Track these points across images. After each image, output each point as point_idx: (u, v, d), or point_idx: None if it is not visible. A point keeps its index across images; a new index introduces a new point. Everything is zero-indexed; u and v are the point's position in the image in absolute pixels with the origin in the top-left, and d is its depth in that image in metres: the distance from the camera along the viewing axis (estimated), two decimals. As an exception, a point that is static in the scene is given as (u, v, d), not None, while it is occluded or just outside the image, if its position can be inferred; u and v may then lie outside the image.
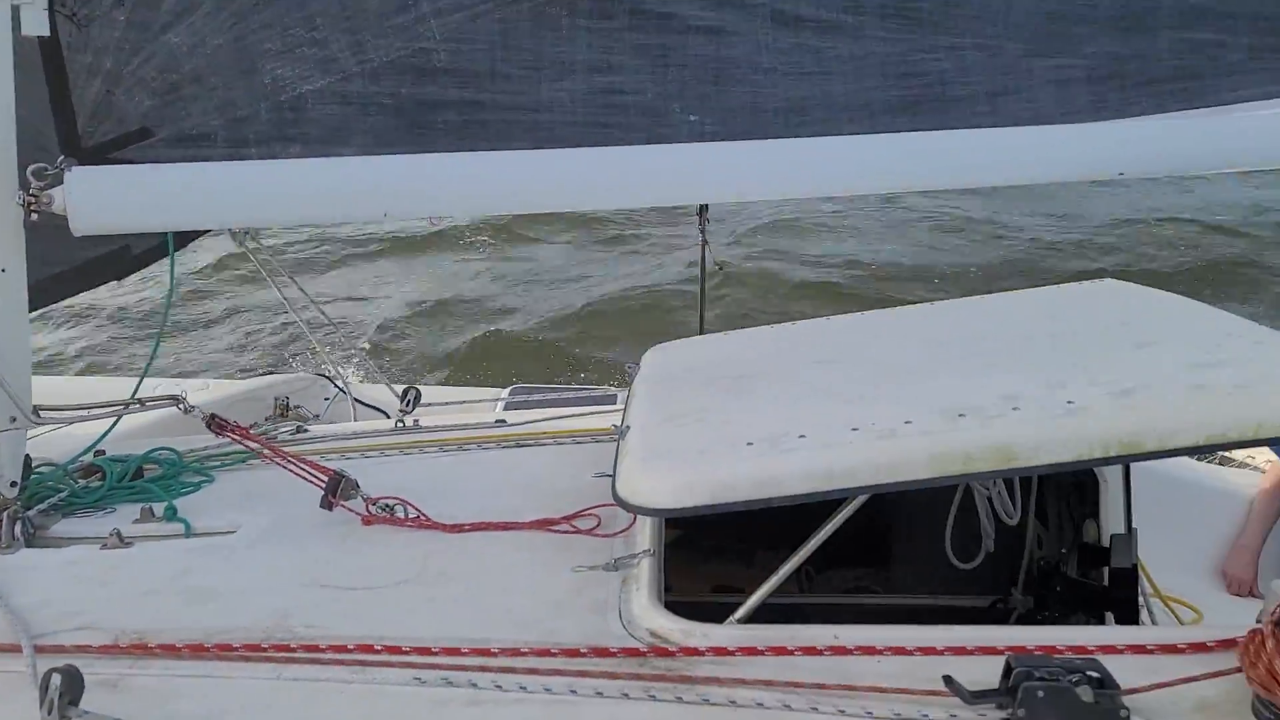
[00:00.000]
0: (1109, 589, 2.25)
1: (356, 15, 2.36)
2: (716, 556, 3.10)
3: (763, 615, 1.74)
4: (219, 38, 2.26)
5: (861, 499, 1.71)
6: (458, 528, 2.09)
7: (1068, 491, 2.77)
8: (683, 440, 1.84)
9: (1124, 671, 1.55)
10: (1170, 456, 1.62)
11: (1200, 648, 1.62)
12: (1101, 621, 2.24)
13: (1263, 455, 3.71)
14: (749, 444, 1.72)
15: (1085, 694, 1.44)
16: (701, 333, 3.49)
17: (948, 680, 1.49)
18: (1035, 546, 2.79)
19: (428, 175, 2.35)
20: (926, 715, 1.48)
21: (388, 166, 2.34)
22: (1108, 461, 1.60)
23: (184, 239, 2.43)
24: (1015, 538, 2.84)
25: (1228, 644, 1.57)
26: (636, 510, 1.75)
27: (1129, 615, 2.18)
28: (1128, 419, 1.61)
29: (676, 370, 2.35)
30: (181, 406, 2.33)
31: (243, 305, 9.00)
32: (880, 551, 3.14)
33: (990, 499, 2.54)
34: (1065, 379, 1.77)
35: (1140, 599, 2.26)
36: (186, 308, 9.12)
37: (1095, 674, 1.49)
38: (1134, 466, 2.90)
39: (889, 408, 1.76)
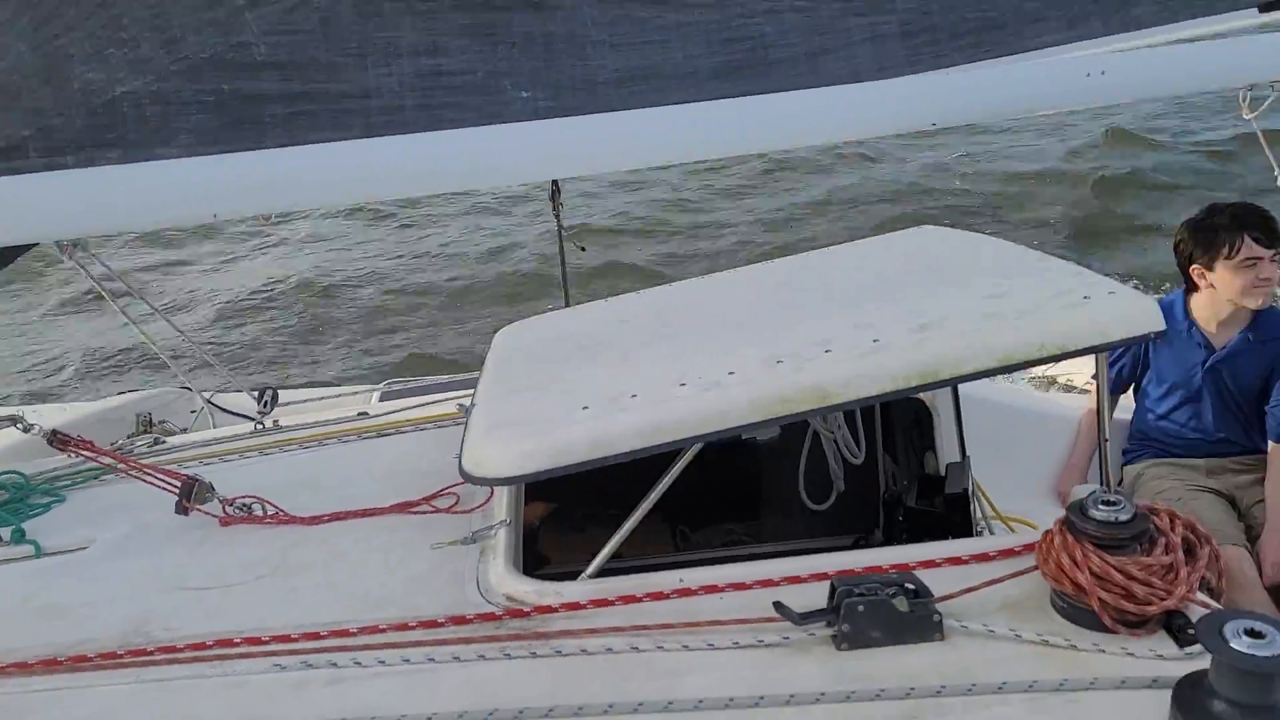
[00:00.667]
0: (945, 514, 2.40)
1: (166, 13, 2.32)
2: (591, 525, 3.18)
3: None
4: (21, 44, 2.20)
5: (695, 449, 1.79)
6: (316, 519, 2.11)
7: (910, 428, 2.94)
8: (523, 410, 1.90)
9: (942, 581, 1.69)
10: (966, 381, 1.76)
11: (1008, 553, 1.77)
12: None
13: (1083, 379, 3.98)
14: (585, 408, 1.79)
15: (901, 604, 1.56)
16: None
17: (778, 606, 1.60)
18: (891, 483, 2.95)
19: (256, 172, 2.34)
20: (762, 640, 1.58)
21: (213, 166, 2.32)
22: (911, 391, 1.73)
23: (5, 256, 2.36)
24: (872, 476, 3.00)
25: (1030, 547, 1.72)
26: (480, 481, 1.81)
27: (964, 536, 2.34)
28: (925, 351, 1.73)
29: (526, 346, 2.40)
30: (19, 426, 2.28)
31: (103, 323, 8.69)
32: (750, 505, 3.27)
33: (836, 441, 2.69)
34: (875, 320, 1.90)
35: (982, 521, 2.43)
36: (46, 326, 8.76)
37: (911, 586, 1.62)
38: (972, 399, 3.10)
39: (715, 361, 1.85)
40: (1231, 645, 1.31)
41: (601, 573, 1.83)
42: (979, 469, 2.53)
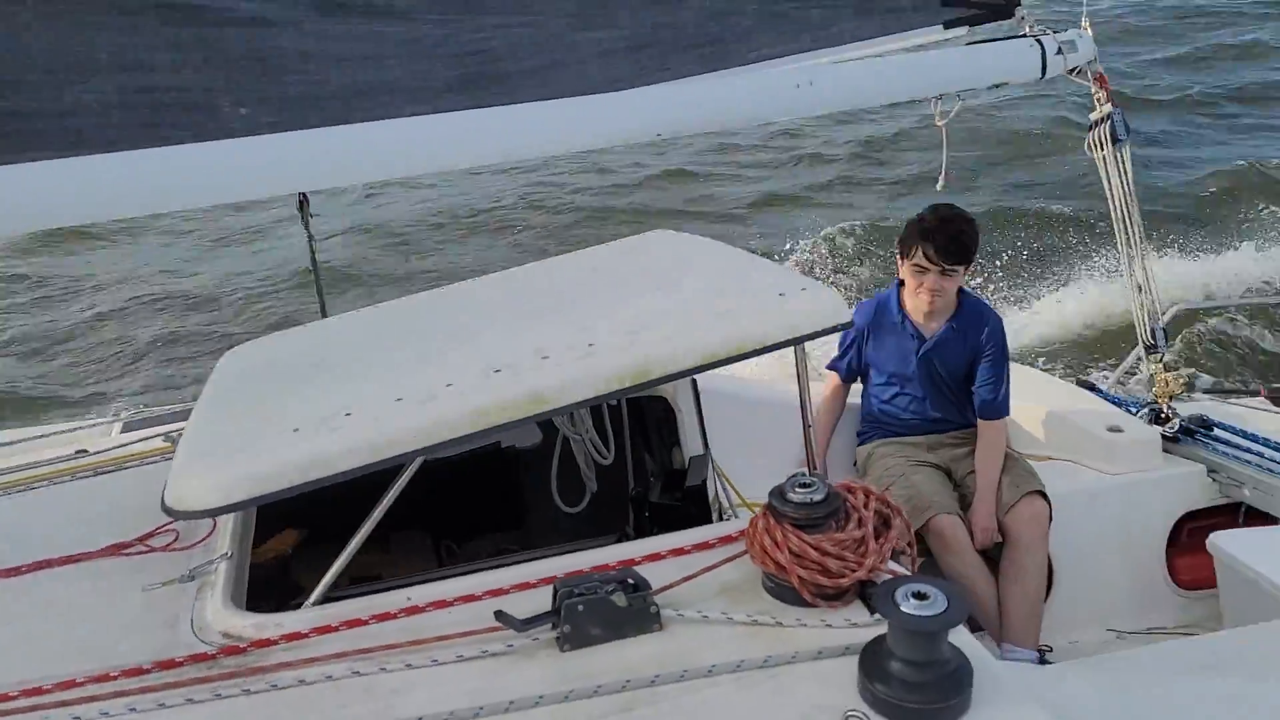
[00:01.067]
0: (686, 506, 2.50)
1: None
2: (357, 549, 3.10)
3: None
4: None
5: (416, 464, 1.79)
6: (13, 571, 1.95)
7: (659, 425, 3.04)
8: (230, 437, 1.83)
9: (667, 573, 1.76)
10: (677, 379, 1.85)
11: (727, 540, 1.87)
12: None
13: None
14: (295, 430, 1.75)
15: (620, 599, 1.62)
16: None
17: (499, 615, 1.62)
18: (639, 481, 3.04)
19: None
20: (487, 650, 1.60)
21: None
22: (624, 392, 1.80)
23: None
24: (625, 475, 3.09)
25: (744, 533, 1.82)
26: (181, 515, 1.73)
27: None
28: (636, 353, 1.81)
29: (249, 368, 2.32)
30: None
31: None
32: (515, 513, 3.29)
33: (585, 444, 2.75)
34: (594, 325, 1.96)
35: (729, 510, 2.54)
36: None
37: (631, 581, 1.68)
38: (720, 394, 3.24)
39: (434, 374, 1.85)
40: (902, 609, 1.43)
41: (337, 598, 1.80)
42: (731, 460, 2.64)
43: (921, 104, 3.34)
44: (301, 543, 2.81)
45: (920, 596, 1.45)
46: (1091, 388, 4.11)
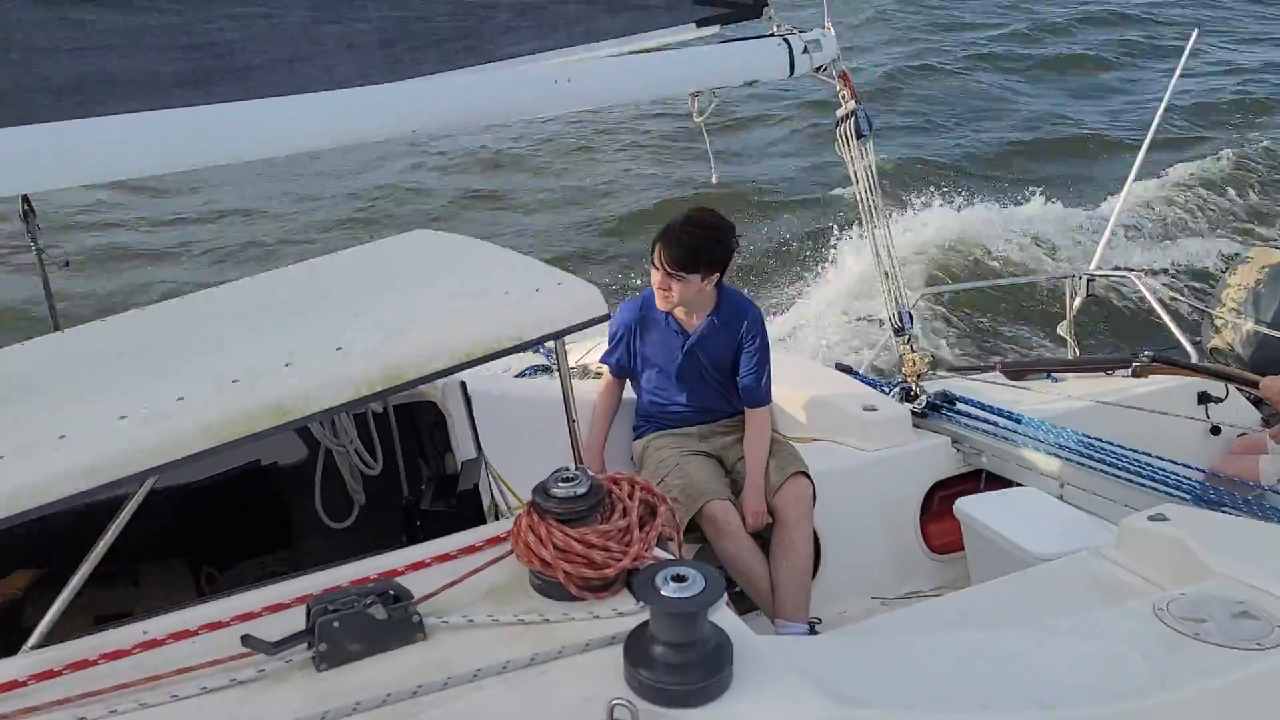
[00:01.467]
0: (459, 512, 2.44)
1: None
2: (102, 584, 2.84)
3: None
4: None
5: (146, 486, 1.65)
6: None
7: (431, 431, 2.96)
8: None
9: (432, 581, 1.70)
10: (431, 380, 1.79)
11: (494, 541, 1.83)
12: None
13: (595, 359, 4.28)
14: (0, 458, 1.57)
15: (379, 612, 1.55)
16: None
17: (246, 639, 1.51)
18: (412, 489, 2.95)
19: None
20: (235, 678, 1.49)
21: None
22: (377, 396, 1.73)
23: None
24: (397, 485, 2.98)
25: (511, 533, 1.79)
26: None
27: None
28: (389, 354, 1.74)
29: None
30: None
31: None
32: (283, 533, 3.11)
33: (350, 455, 2.64)
34: (345, 328, 1.87)
35: (507, 512, 2.49)
36: None
37: (392, 592, 1.61)
38: (492, 395, 3.18)
39: (166, 388, 1.71)
40: (661, 592, 1.44)
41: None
42: (509, 460, 2.59)
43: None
44: (38, 584, 2.55)
45: (679, 579, 1.46)
46: (849, 370, 4.36)
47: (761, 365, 3.32)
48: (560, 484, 1.68)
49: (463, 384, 2.71)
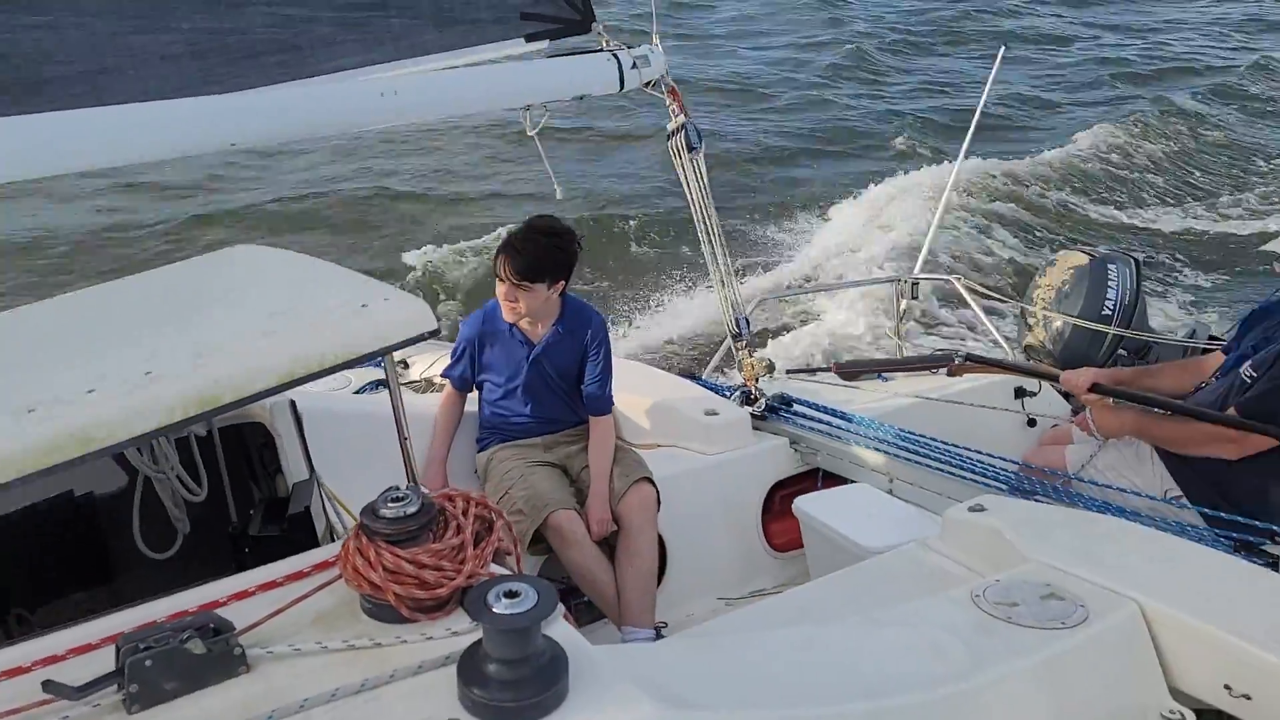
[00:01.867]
0: (290, 536, 2.36)
1: None
2: None
3: None
4: None
5: None
6: None
7: (261, 453, 2.85)
8: None
9: (256, 610, 1.64)
10: (252, 401, 1.73)
11: (323, 566, 1.78)
12: None
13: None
14: None
15: (196, 647, 1.48)
16: None
17: (48, 685, 1.42)
18: (239, 515, 2.83)
19: None
20: None
21: None
22: (191, 421, 1.66)
23: None
24: (224, 511, 2.86)
25: (339, 557, 1.74)
26: None
27: None
28: (204, 376, 1.67)
29: None
30: None
31: None
32: (100, 567, 2.93)
33: (172, 482, 2.51)
34: (156, 349, 1.78)
35: (345, 534, 2.42)
36: None
37: (212, 625, 1.54)
38: (332, 414, 3.09)
39: None
40: (493, 609, 1.44)
41: None
42: (349, 481, 2.52)
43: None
44: None
45: (512, 595, 1.46)
46: (692, 376, 4.44)
47: (606, 373, 3.36)
48: (389, 504, 1.65)
49: (292, 403, 2.63)
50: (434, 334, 1.87)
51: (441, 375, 3.50)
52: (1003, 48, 5.34)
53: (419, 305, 1.89)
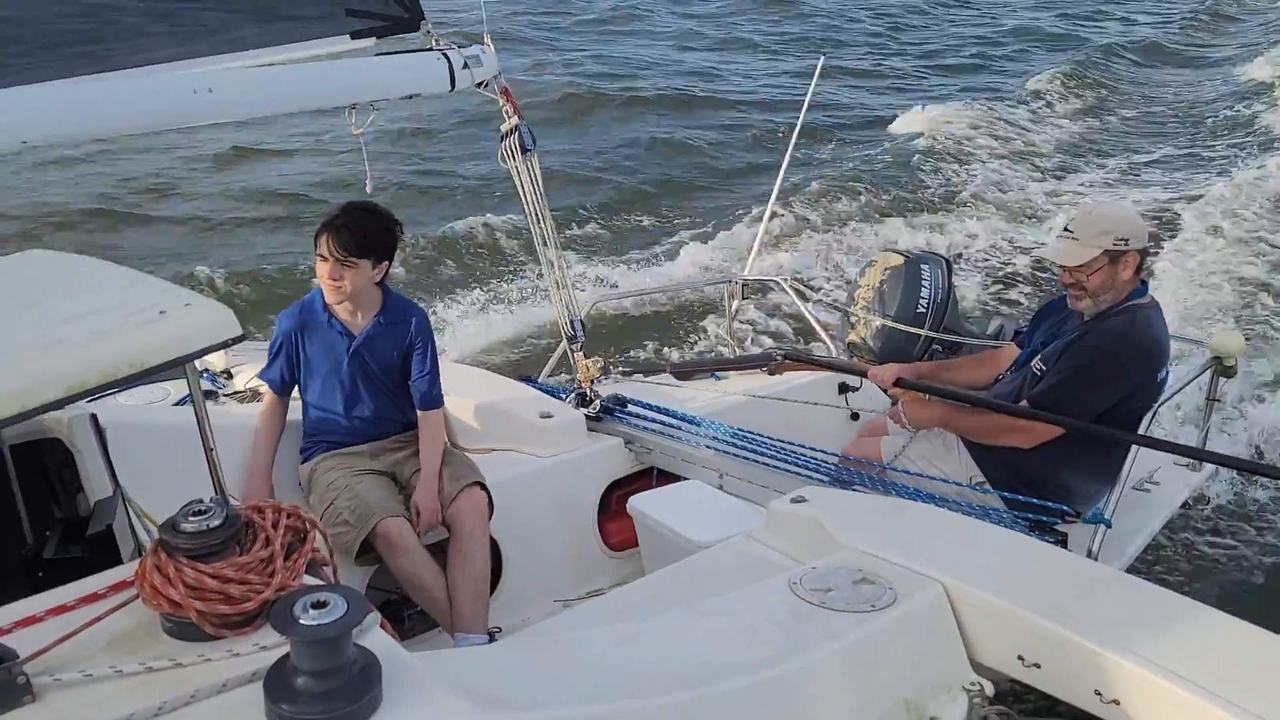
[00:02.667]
0: (90, 558, 2.24)
1: None
2: None
3: None
4: None
5: None
6: None
7: (59, 471, 2.69)
8: None
9: (46, 636, 1.55)
10: (33, 416, 1.64)
11: (120, 586, 1.70)
12: None
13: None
14: None
15: (-25, 678, 1.39)
16: None
17: None
18: (34, 537, 2.66)
19: None
20: None
21: None
22: None
23: None
24: (17, 533, 2.68)
25: (136, 576, 1.67)
26: None
27: None
28: None
29: None
30: None
31: None
32: None
33: None
34: None
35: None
36: None
37: (-6, 653, 1.45)
38: (131, 428, 2.93)
39: None
40: (300, 621, 1.40)
41: None
42: (161, 497, 2.39)
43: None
44: None
45: (320, 605, 1.43)
46: (527, 379, 4.44)
47: (434, 368, 3.33)
48: (191, 518, 1.59)
49: (93, 416, 2.49)
50: (238, 340, 1.81)
51: (259, 376, 3.37)
52: (821, 58, 5.57)
53: (222, 311, 1.83)
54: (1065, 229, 3.22)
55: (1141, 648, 1.98)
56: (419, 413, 3.32)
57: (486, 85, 3.76)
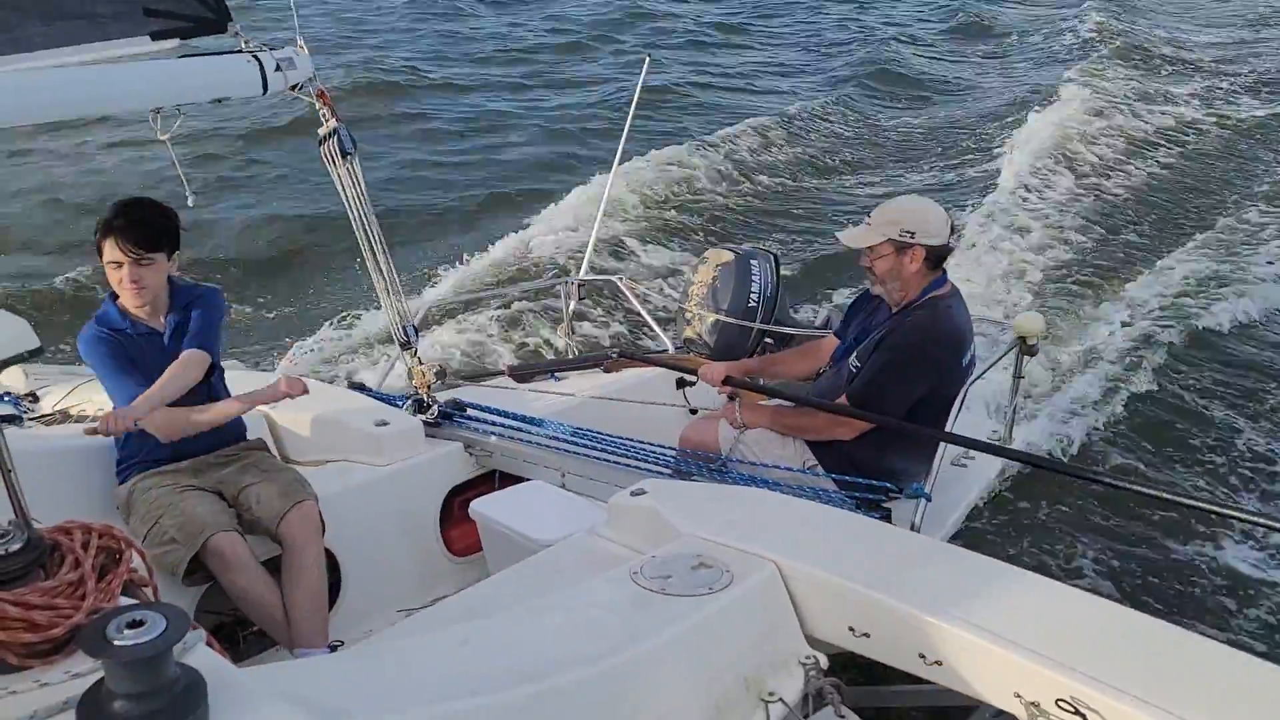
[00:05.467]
0: None
1: None
2: None
3: None
4: None
5: None
6: None
7: None
8: None
9: None
10: None
11: None
12: None
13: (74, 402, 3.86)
14: None
15: None
16: None
17: None
18: None
19: None
20: None
21: None
22: None
23: None
24: None
25: None
26: None
27: None
28: None
29: None
30: None
31: None
32: None
33: None
34: None
35: None
36: None
37: None
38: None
39: None
40: (115, 643, 1.33)
41: None
42: None
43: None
44: None
45: (136, 625, 1.36)
46: (361, 387, 4.34)
47: (208, 324, 3.19)
48: (-14, 544, 1.49)
49: None
50: (36, 353, 1.70)
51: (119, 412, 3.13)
52: (647, 58, 5.67)
53: (17, 324, 1.71)
54: (867, 216, 3.40)
55: (959, 610, 2.11)
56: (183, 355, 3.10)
57: (301, 88, 3.66)
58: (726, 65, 16.89)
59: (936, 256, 3.29)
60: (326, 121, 3.69)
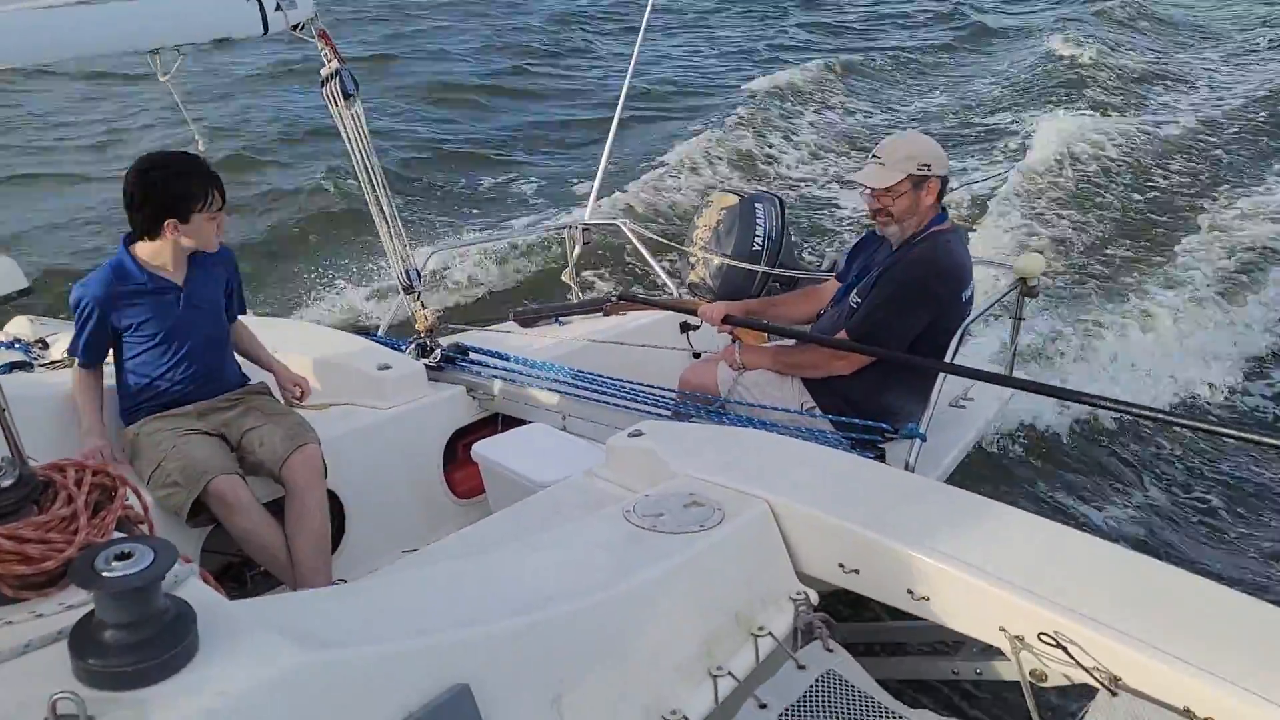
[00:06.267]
0: None
1: None
2: None
3: None
4: None
5: None
6: None
7: None
8: None
9: None
10: None
11: None
12: None
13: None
14: None
15: None
16: None
17: None
18: None
19: None
20: None
21: None
22: None
23: None
24: None
25: None
26: None
27: None
28: None
29: None
30: None
31: None
32: None
33: None
34: None
35: None
36: None
37: None
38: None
39: None
40: (103, 574, 1.36)
41: None
42: None
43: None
44: None
45: (124, 557, 1.39)
46: (365, 332, 4.36)
47: (240, 292, 3.40)
48: (-20, 479, 1.52)
49: None
50: (24, 293, 1.71)
51: (67, 352, 3.20)
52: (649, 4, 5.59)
53: (4, 262, 1.73)
54: (873, 155, 3.37)
55: (946, 546, 2.13)
56: (236, 325, 3.41)
57: (303, 28, 3.64)
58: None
59: (946, 188, 3.32)
60: (328, 63, 3.67)
